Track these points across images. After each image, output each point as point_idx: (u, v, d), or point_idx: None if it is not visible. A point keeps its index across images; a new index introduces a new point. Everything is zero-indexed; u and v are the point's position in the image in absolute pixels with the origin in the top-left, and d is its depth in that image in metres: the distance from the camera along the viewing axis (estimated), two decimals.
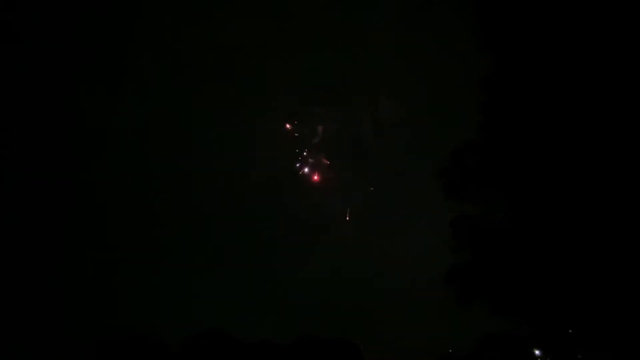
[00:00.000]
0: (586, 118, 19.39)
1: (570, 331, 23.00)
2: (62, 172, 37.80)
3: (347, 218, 40.73)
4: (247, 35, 40.87)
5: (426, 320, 34.33)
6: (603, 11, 19.00)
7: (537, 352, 26.97)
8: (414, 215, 37.96)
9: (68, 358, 31.05)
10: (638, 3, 18.63)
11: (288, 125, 42.15)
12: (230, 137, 41.30)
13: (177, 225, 38.93)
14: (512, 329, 25.73)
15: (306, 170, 41.90)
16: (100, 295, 35.79)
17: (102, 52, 39.24)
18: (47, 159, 37.76)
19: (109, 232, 38.07)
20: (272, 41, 40.89)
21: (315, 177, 41.49)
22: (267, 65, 41.04)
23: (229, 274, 37.86)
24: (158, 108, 39.80)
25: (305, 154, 42.45)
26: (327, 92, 41.45)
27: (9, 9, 36.95)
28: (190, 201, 39.70)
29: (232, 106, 41.35)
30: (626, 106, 18.90)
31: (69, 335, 32.62)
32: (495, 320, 24.31)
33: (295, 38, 40.72)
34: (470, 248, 23.30)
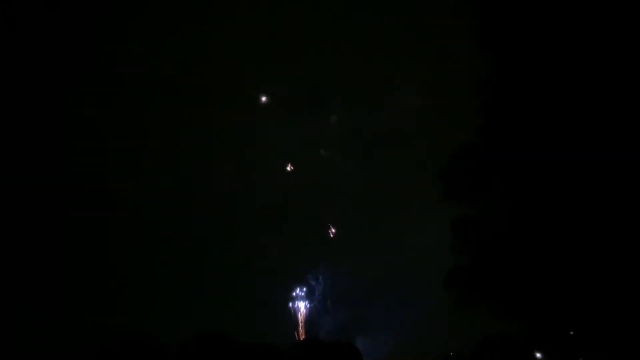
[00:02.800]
0: (585, 120, 19.34)
1: (571, 333, 22.90)
2: (61, 173, 37.80)
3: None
4: (249, 34, 40.85)
5: (426, 323, 34.31)
6: (601, 14, 18.98)
7: (538, 354, 26.89)
8: (413, 217, 37.92)
9: (68, 358, 31.06)
10: (636, 4, 18.60)
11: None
12: (231, 138, 41.25)
13: (177, 228, 38.93)
14: (513, 331, 25.66)
15: None
16: (100, 298, 35.81)
17: (99, 54, 39.25)
18: (46, 162, 37.78)
19: (109, 234, 38.08)
20: (276, 40, 40.86)
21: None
22: (275, 63, 41.09)
23: (229, 277, 37.88)
24: (156, 109, 39.77)
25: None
26: (327, 95, 41.62)
27: (6, 11, 36.95)
28: (191, 204, 39.67)
29: (233, 105, 41.39)
30: (625, 107, 18.87)
31: (69, 336, 32.62)
32: (495, 322, 24.24)
33: (297, 39, 40.76)
34: (470, 250, 23.21)
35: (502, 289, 22.65)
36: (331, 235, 41.39)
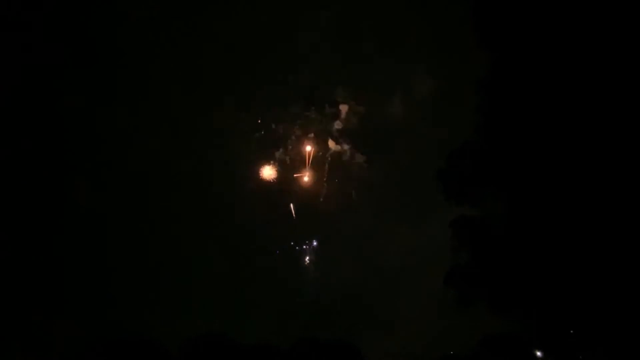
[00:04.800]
0: (584, 118, 19.28)
1: (571, 332, 22.90)
2: (61, 175, 37.76)
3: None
4: (250, 28, 40.67)
5: (426, 322, 34.29)
6: (600, 13, 18.90)
7: (538, 353, 26.91)
8: (413, 217, 37.90)
9: (68, 358, 31.12)
10: (636, 3, 18.51)
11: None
12: (233, 138, 41.22)
13: (177, 228, 38.86)
14: (513, 330, 25.68)
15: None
16: (100, 298, 35.79)
17: (96, 53, 39.12)
18: (45, 163, 37.73)
19: (109, 235, 38.02)
20: (280, 32, 40.74)
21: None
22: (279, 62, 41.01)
23: (229, 277, 37.90)
24: (154, 109, 39.66)
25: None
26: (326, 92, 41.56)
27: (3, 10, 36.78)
28: (190, 204, 39.61)
29: (236, 104, 41.33)
30: (624, 106, 18.79)
31: (69, 337, 32.66)
32: (496, 321, 24.24)
33: (299, 39, 40.73)
34: (469, 249, 23.21)
35: (501, 288, 22.66)
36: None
